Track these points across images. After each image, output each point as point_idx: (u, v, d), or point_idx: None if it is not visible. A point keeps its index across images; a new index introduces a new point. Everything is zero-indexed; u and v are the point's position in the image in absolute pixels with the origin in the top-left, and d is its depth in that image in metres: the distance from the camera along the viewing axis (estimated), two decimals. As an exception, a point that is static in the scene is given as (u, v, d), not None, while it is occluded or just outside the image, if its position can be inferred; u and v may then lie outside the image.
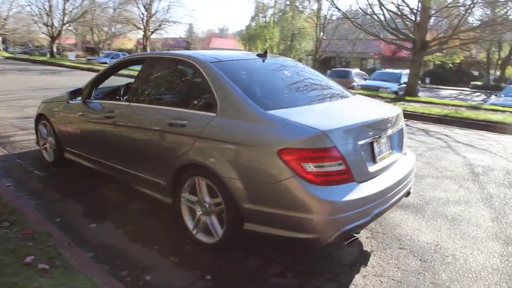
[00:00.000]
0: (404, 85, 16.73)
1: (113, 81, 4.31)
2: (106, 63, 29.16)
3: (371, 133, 2.56)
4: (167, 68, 3.22)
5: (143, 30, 23.46)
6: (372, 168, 2.54)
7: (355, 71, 19.99)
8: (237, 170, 2.46)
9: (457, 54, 25.55)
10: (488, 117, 8.78)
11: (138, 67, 3.59)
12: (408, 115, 9.07)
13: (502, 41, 19.65)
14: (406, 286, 2.45)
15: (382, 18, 13.15)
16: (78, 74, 19.98)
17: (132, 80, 4.18)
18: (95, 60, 30.04)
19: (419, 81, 16.91)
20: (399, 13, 12.92)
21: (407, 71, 18.66)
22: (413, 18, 12.61)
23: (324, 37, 29.02)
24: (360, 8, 15.22)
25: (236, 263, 2.66)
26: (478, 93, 25.62)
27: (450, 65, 30.72)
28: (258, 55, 3.29)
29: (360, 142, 2.45)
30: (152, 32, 24.44)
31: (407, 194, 3.00)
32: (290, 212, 2.31)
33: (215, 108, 2.65)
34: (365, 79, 19.09)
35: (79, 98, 3.77)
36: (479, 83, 29.26)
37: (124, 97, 4.01)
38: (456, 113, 9.21)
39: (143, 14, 22.78)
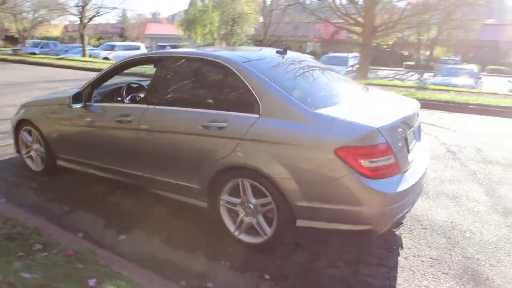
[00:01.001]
0: (352, 68, 17.56)
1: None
2: (34, 53, 26.65)
3: (407, 126, 2.73)
4: (192, 69, 3.10)
5: (79, 17, 21.64)
6: (409, 158, 2.73)
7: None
8: (290, 169, 2.50)
9: (390, 37, 27.24)
10: (438, 97, 9.58)
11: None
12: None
13: (430, 23, 21.27)
14: (444, 263, 2.71)
15: (332, 3, 13.55)
16: (11, 68, 18.06)
17: (122, 79, 3.93)
18: (21, 50, 27.31)
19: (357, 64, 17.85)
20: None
21: (353, 54, 19.57)
22: (362, 4, 13.18)
23: (263, 21, 29.10)
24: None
25: (286, 259, 2.73)
26: (412, 72, 27.65)
27: (384, 46, 32.60)
28: (277, 51, 3.30)
29: (402, 135, 2.62)
30: (90, 19, 22.65)
31: None
32: (348, 206, 2.43)
33: (257, 109, 2.64)
34: (314, 64, 19.61)
35: (80, 101, 3.49)
36: (411, 63, 31.51)
37: (127, 98, 3.82)
38: (411, 94, 9.90)
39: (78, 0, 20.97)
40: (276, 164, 2.53)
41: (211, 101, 2.89)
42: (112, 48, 25.71)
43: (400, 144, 2.60)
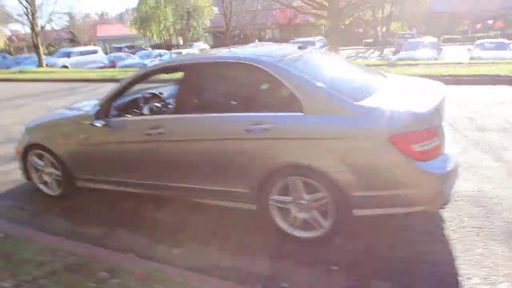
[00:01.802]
0: (319, 51, 17.85)
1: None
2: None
3: (441, 108, 2.87)
4: (222, 73, 3.07)
5: (30, 26, 20.30)
6: (445, 138, 2.89)
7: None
8: (344, 162, 2.58)
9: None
10: (414, 72, 9.98)
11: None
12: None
13: (376, 3, 21.81)
14: (488, 230, 2.91)
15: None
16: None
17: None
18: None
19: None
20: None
21: (318, 37, 19.88)
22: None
23: (224, 13, 28.79)
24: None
25: (345, 248, 2.82)
26: (372, 50, 28.41)
27: (342, 26, 33.26)
28: (299, 47, 3.34)
29: (439, 117, 2.76)
30: (43, 27, 21.28)
31: None
32: (403, 190, 2.55)
33: (300, 107, 2.68)
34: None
35: (100, 118, 3.35)
36: (369, 40, 32.37)
37: (144, 109, 3.72)
38: (386, 71, 10.24)
39: (26, 8, 19.55)
40: (328, 159, 2.60)
41: (250, 103, 2.90)
42: (68, 54, 24.56)
43: (439, 125, 2.73)
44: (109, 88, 3.74)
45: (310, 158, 2.65)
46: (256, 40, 40.01)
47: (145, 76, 3.36)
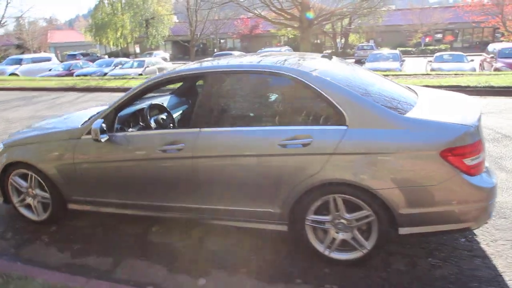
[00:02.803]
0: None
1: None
2: None
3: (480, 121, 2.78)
4: (251, 83, 2.81)
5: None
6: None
7: (237, 53, 20.38)
8: (391, 179, 2.42)
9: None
10: (388, 82, 10.21)
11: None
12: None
13: (346, 13, 22.47)
14: (522, 243, 2.87)
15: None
16: None
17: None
18: None
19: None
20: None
21: (284, 47, 20.03)
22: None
23: (189, 22, 28.32)
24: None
25: (387, 269, 2.65)
26: (333, 60, 29.17)
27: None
28: (323, 56, 3.17)
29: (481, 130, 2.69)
30: (-9, 32, 19.68)
31: None
32: (454, 207, 2.43)
33: (342, 120, 2.50)
34: (248, 60, 19.68)
35: (104, 132, 2.96)
36: (329, 51, 33.27)
37: (151, 122, 3.37)
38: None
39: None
40: (375, 175, 2.44)
41: (286, 117, 2.68)
42: (19, 62, 22.89)
43: (483, 138, 2.66)
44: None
45: (354, 175, 2.47)
46: (215, 50, 39.87)
47: (158, 85, 3.02)
